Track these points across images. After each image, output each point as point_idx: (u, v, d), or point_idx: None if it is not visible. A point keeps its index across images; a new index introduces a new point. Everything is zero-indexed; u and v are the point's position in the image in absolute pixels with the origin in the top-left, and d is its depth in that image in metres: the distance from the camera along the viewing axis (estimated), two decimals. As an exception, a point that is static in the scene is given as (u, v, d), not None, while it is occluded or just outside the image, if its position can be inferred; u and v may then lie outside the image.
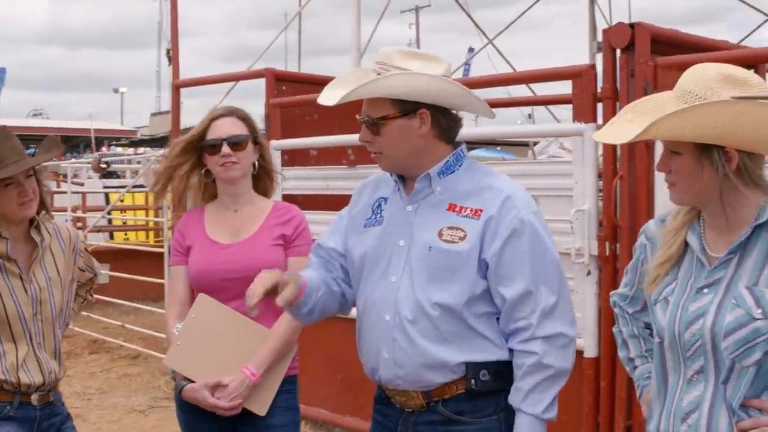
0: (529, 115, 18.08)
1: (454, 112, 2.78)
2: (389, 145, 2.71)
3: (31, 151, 3.95)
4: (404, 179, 2.83)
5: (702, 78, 2.29)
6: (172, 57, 8.08)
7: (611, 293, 2.88)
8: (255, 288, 2.60)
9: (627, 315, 2.77)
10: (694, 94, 2.27)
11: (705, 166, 2.30)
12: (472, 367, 2.70)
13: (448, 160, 2.76)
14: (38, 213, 3.37)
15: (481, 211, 2.69)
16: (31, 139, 15.58)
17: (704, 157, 2.29)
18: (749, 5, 9.17)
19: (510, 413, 2.73)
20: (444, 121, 2.74)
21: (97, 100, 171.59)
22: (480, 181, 2.76)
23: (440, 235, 2.69)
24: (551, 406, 2.68)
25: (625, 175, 4.58)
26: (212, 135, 3.42)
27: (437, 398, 2.74)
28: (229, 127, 3.42)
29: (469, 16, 9.65)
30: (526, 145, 12.26)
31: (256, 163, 3.52)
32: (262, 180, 3.58)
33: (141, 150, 25.46)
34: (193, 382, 3.30)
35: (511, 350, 2.72)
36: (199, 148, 3.45)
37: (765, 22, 8.84)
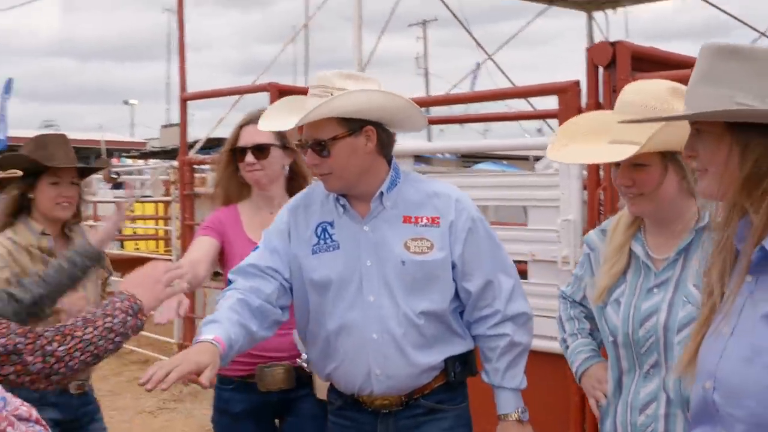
0: (539, 130, 18.31)
1: (389, 129, 2.86)
2: (339, 165, 2.75)
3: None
4: (348, 200, 2.87)
5: (657, 92, 2.48)
6: (180, 70, 8.17)
7: (560, 288, 3.08)
8: (171, 378, 2.34)
9: (569, 301, 2.96)
10: (654, 108, 2.44)
11: (669, 173, 2.48)
12: (451, 361, 2.88)
13: (391, 175, 2.86)
14: (72, 218, 3.66)
15: (438, 218, 2.82)
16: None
17: (670, 164, 2.48)
18: (743, 23, 9.39)
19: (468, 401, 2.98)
20: (385, 138, 2.82)
21: (107, 112, 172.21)
22: (424, 189, 2.89)
23: (407, 248, 2.80)
24: (523, 379, 2.92)
25: (607, 186, 4.68)
26: (240, 142, 3.54)
27: (418, 395, 2.89)
28: (254, 135, 3.50)
29: (469, 32, 9.84)
30: (526, 159, 12.47)
31: (286, 167, 3.63)
32: (295, 183, 3.64)
33: (151, 162, 25.72)
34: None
35: (473, 338, 2.92)
36: (233, 152, 3.58)
37: (758, 38, 9.05)
